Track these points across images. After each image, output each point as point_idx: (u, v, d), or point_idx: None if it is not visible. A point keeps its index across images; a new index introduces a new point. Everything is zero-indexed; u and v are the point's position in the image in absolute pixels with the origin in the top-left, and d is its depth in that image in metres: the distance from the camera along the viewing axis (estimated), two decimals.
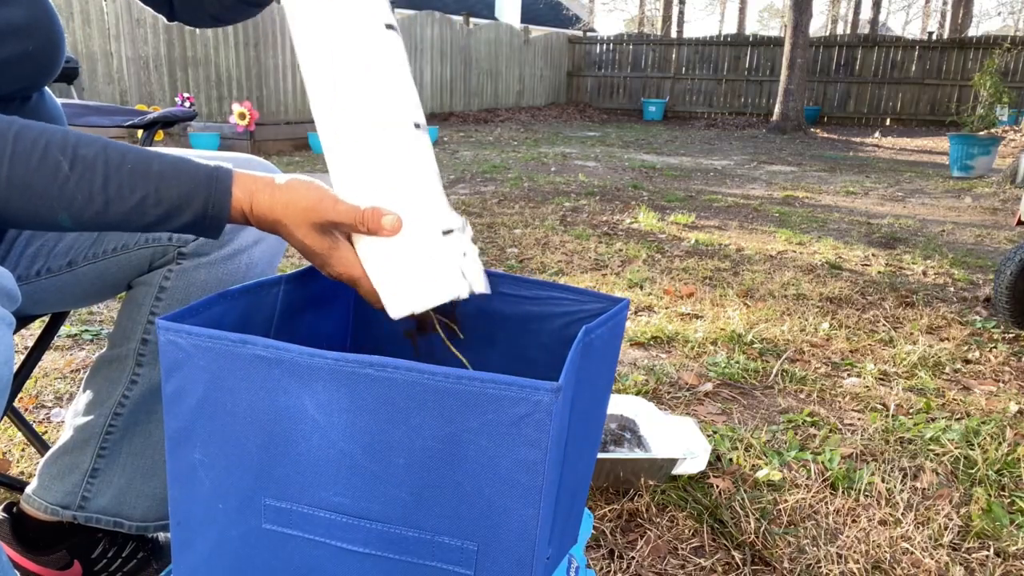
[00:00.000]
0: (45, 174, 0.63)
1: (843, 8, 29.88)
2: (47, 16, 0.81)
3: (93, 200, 0.65)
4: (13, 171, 0.62)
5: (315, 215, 0.69)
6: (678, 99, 14.76)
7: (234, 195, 0.69)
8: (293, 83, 9.06)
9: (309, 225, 0.69)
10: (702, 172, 6.80)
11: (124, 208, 0.66)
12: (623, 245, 3.64)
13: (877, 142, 10.63)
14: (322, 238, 0.70)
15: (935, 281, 3.14)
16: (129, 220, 0.67)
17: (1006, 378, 2.08)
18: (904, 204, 5.30)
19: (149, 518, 1.00)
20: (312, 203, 0.69)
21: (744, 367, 2.07)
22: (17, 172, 0.62)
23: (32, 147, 0.63)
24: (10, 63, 0.76)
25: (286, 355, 0.59)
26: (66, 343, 2.14)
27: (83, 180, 0.64)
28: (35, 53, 0.79)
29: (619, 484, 1.43)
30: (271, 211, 0.70)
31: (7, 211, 0.64)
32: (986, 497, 1.43)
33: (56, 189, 0.64)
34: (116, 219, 0.66)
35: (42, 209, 0.64)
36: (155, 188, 0.66)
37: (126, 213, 0.66)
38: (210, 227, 0.70)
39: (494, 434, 0.57)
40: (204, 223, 0.69)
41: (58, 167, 0.64)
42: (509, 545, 0.59)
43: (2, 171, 0.62)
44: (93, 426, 0.97)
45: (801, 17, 11.41)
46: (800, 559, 1.25)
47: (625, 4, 33.20)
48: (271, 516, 0.65)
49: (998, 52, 12.20)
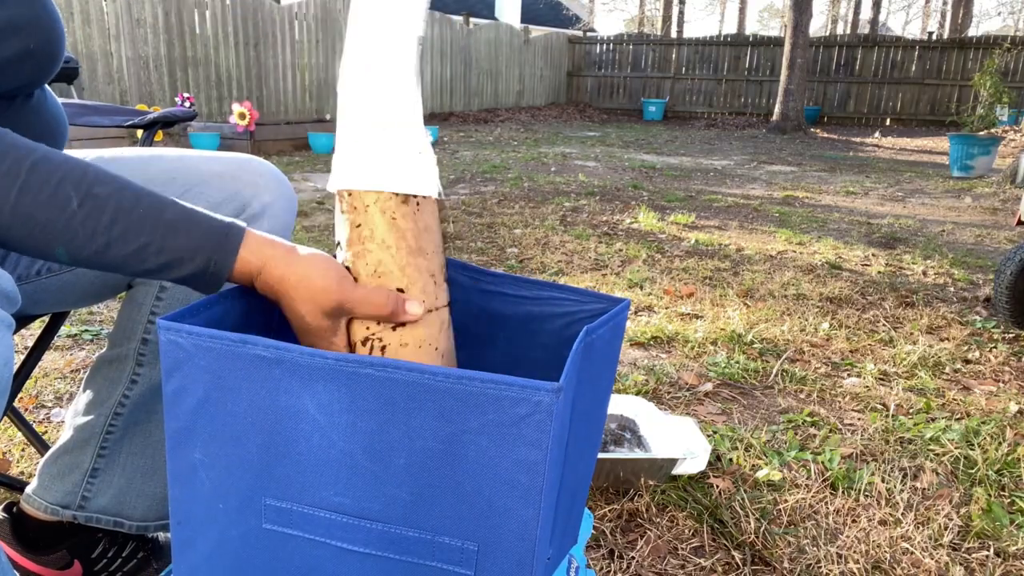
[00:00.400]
0: (52, 207, 0.62)
1: (843, 8, 29.89)
2: (47, 14, 0.81)
3: (95, 239, 0.64)
4: (20, 201, 0.61)
5: (329, 298, 0.67)
6: (678, 99, 14.77)
7: (241, 256, 0.67)
8: (293, 83, 9.06)
9: (318, 306, 0.67)
10: (702, 172, 6.80)
11: (124, 252, 0.64)
12: (623, 245, 3.64)
13: (877, 142, 10.63)
14: (324, 320, 0.68)
15: (935, 281, 3.14)
16: (126, 264, 0.65)
17: (1006, 378, 2.08)
18: (904, 204, 5.30)
19: (149, 518, 1.00)
20: (329, 284, 0.67)
21: (744, 367, 2.08)
22: (24, 202, 0.61)
23: (46, 180, 0.62)
24: (11, 61, 0.76)
25: (287, 355, 0.59)
26: (66, 343, 2.14)
27: (89, 218, 0.63)
28: (35, 51, 0.79)
29: (619, 484, 1.43)
30: (280, 283, 0.67)
31: (5, 237, 0.63)
32: (986, 497, 1.43)
33: (60, 223, 0.63)
34: (114, 261, 0.65)
35: (40, 240, 0.63)
36: (161, 236, 0.65)
37: (125, 257, 0.65)
38: (208, 283, 0.68)
39: (494, 434, 0.57)
40: (203, 279, 0.67)
41: (67, 202, 0.63)
42: (509, 545, 0.59)
43: (8, 199, 0.61)
44: (93, 426, 0.97)
45: (801, 17, 11.42)
46: (800, 559, 1.25)
47: (625, 4, 33.21)
48: (271, 516, 0.65)
49: (998, 52, 12.21)
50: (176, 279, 0.67)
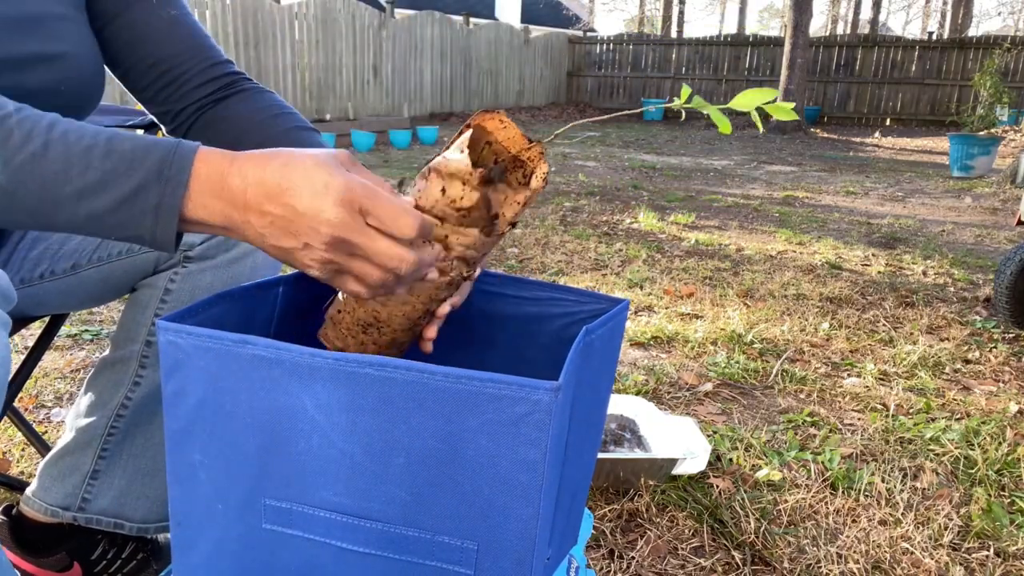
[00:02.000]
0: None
1: (843, 8, 29.88)
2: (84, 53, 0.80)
3: (32, 138, 0.55)
4: None
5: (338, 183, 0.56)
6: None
7: (200, 153, 0.58)
8: (293, 83, 9.06)
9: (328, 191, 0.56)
10: (702, 172, 6.80)
11: (68, 153, 0.56)
12: (623, 245, 3.64)
13: (877, 142, 10.63)
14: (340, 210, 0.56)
15: (935, 281, 3.14)
16: (69, 173, 0.56)
17: (1006, 378, 2.08)
18: (904, 204, 5.30)
19: (150, 519, 1.00)
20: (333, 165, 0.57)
21: (744, 367, 2.07)
22: None
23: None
24: (39, 92, 0.75)
25: (286, 355, 0.59)
26: (66, 343, 2.14)
27: (26, 120, 0.56)
28: (65, 88, 0.78)
29: (619, 484, 1.43)
30: (265, 161, 0.57)
31: None
32: (986, 497, 1.43)
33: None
34: (55, 167, 0.55)
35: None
36: (106, 140, 0.57)
37: (68, 162, 0.56)
38: (166, 196, 0.57)
39: (494, 434, 0.57)
40: (159, 188, 0.57)
41: (2, 106, 0.57)
42: (509, 545, 0.59)
43: None
44: (95, 427, 0.97)
45: (801, 17, 11.42)
46: (800, 559, 1.25)
47: (625, 4, 33.21)
48: (271, 516, 0.65)
49: (998, 52, 12.20)
50: (123, 210, 0.57)
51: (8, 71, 0.73)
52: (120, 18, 0.86)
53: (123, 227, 0.58)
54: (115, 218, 0.57)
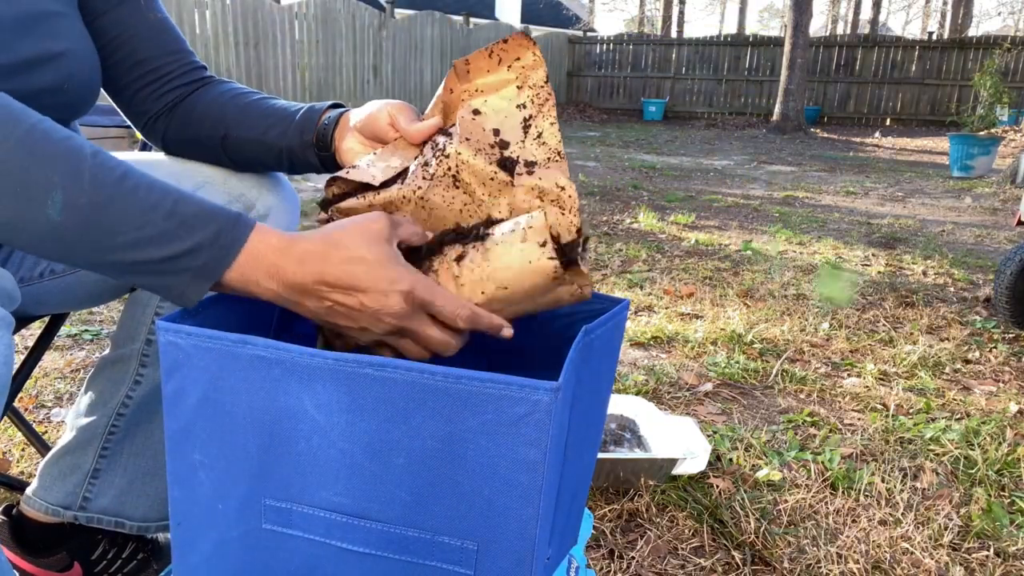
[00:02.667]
0: (61, 146, 0.57)
1: (843, 8, 29.89)
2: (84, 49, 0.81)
3: (99, 190, 0.57)
4: (30, 135, 0.56)
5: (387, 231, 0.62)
6: (678, 99, 14.76)
7: (257, 228, 0.61)
8: (293, 83, 9.06)
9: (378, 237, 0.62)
10: (702, 172, 6.80)
11: (132, 207, 0.57)
12: (623, 245, 3.64)
13: (877, 142, 10.63)
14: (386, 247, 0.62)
15: (935, 281, 3.14)
16: (123, 226, 0.58)
17: (1006, 378, 2.08)
18: (904, 204, 5.30)
19: (150, 518, 1.00)
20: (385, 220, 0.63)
21: (744, 367, 2.07)
22: (34, 136, 0.56)
23: (56, 130, 0.58)
24: (44, 92, 0.76)
25: (286, 355, 0.59)
26: (66, 343, 2.14)
27: (101, 168, 0.58)
28: (68, 86, 0.79)
29: (619, 484, 1.43)
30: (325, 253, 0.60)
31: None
32: (986, 497, 1.43)
33: (68, 164, 0.56)
34: (115, 218, 0.57)
35: (38, 178, 0.55)
36: (173, 201, 0.59)
37: (128, 216, 0.57)
38: (206, 269, 0.60)
39: (494, 434, 0.57)
40: (212, 251, 0.59)
41: (81, 150, 0.58)
42: (509, 545, 0.59)
43: (18, 129, 0.56)
44: (95, 426, 0.97)
45: (801, 17, 11.42)
46: (800, 559, 1.25)
47: (625, 4, 33.21)
48: (271, 516, 0.65)
49: (998, 52, 12.21)
50: (180, 256, 0.59)
51: (16, 74, 0.73)
52: (108, 15, 0.87)
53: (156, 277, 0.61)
54: (154, 270, 0.60)
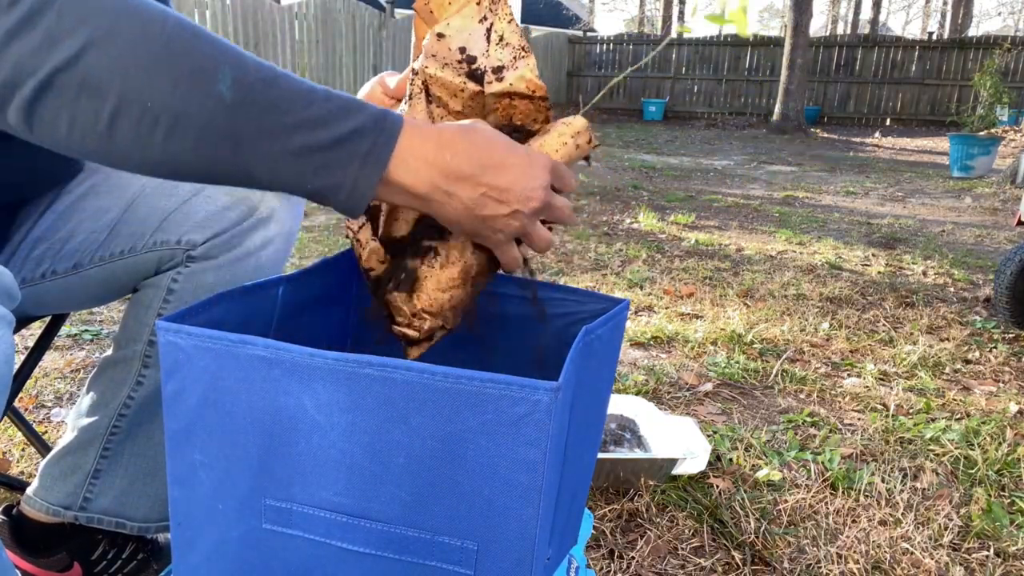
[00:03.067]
0: (213, 34, 0.56)
1: (843, 8, 29.89)
2: None
3: (263, 68, 0.56)
4: (184, 25, 0.55)
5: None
6: (678, 99, 14.76)
7: (408, 119, 0.61)
8: None
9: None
10: (702, 172, 6.80)
11: (294, 88, 0.56)
12: (623, 245, 3.64)
13: (877, 142, 10.63)
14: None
15: (935, 281, 3.14)
16: (292, 105, 0.56)
17: (1006, 378, 2.08)
18: (904, 204, 5.30)
19: (151, 519, 1.00)
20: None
21: (744, 367, 2.08)
22: (189, 26, 0.55)
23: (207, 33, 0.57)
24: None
25: (286, 355, 0.59)
26: (66, 343, 2.14)
27: (254, 57, 0.57)
28: None
29: (619, 484, 1.43)
30: (470, 136, 0.62)
31: (164, 49, 0.53)
32: (986, 497, 1.43)
33: (222, 42, 0.55)
34: (280, 98, 0.56)
35: (206, 55, 0.54)
36: (325, 88, 0.59)
37: (294, 94, 0.56)
38: (378, 145, 0.58)
39: (494, 434, 0.57)
40: (373, 136, 0.58)
41: (230, 43, 0.57)
42: (509, 545, 0.59)
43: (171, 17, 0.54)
44: (97, 427, 0.97)
45: (801, 17, 11.42)
46: (800, 559, 1.25)
47: (625, 4, 33.22)
48: (271, 516, 0.65)
49: (998, 52, 12.21)
50: (336, 149, 0.57)
51: None
52: None
53: (326, 169, 0.57)
54: (324, 157, 0.57)
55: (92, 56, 0.51)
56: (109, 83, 0.52)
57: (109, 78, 0.51)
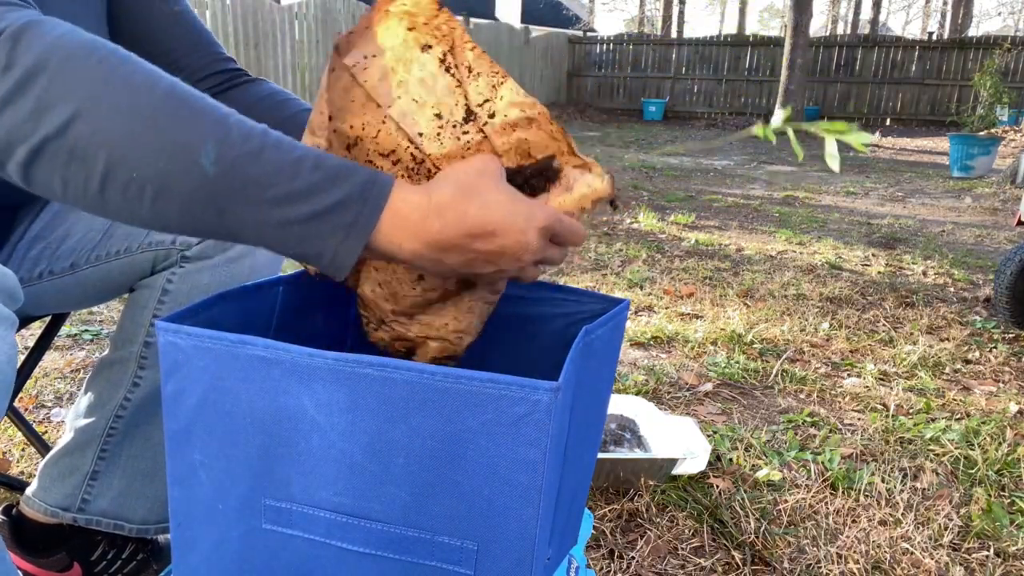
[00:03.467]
0: (206, 102, 0.56)
1: (843, 8, 29.89)
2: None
3: (249, 140, 0.55)
4: (175, 89, 0.55)
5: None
6: (678, 99, 14.76)
7: (397, 184, 0.59)
8: (293, 83, 9.06)
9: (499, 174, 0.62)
10: (702, 172, 6.80)
11: (282, 158, 0.56)
12: (623, 245, 3.64)
13: (877, 142, 10.63)
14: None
15: (935, 281, 3.14)
16: (276, 177, 0.56)
17: (1006, 378, 2.08)
18: (904, 204, 5.30)
19: (150, 520, 1.00)
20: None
21: (744, 367, 2.07)
22: (179, 89, 0.55)
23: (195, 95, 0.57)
24: None
25: (285, 355, 0.59)
26: (66, 343, 2.14)
27: (244, 122, 0.57)
28: None
29: (619, 484, 1.42)
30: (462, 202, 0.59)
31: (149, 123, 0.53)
32: (986, 497, 1.43)
33: (215, 116, 0.55)
34: (262, 172, 0.55)
35: (189, 130, 0.54)
36: (315, 156, 0.57)
37: (279, 166, 0.56)
38: (362, 217, 0.57)
39: (494, 434, 0.57)
40: (357, 208, 0.57)
41: (220, 108, 0.57)
42: (509, 545, 0.59)
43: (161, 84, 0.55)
44: (94, 428, 0.97)
45: (801, 17, 11.42)
46: (800, 559, 1.25)
47: (625, 4, 33.22)
48: (271, 516, 0.65)
49: (998, 52, 12.20)
50: (319, 222, 0.57)
51: None
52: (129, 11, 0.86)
53: (308, 240, 0.58)
54: (304, 230, 0.57)
55: (79, 126, 0.52)
56: (96, 153, 0.53)
57: (96, 148, 0.53)
